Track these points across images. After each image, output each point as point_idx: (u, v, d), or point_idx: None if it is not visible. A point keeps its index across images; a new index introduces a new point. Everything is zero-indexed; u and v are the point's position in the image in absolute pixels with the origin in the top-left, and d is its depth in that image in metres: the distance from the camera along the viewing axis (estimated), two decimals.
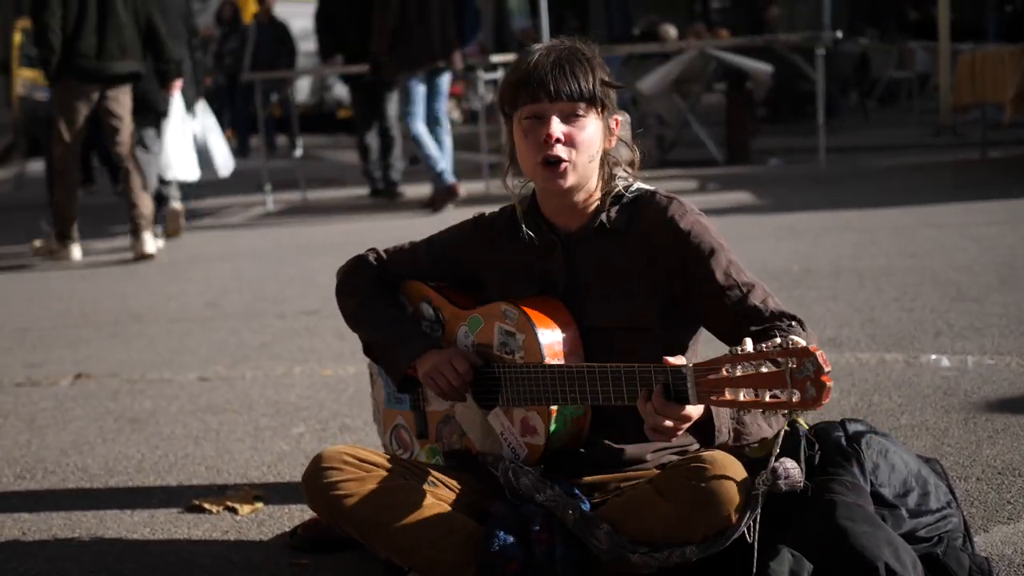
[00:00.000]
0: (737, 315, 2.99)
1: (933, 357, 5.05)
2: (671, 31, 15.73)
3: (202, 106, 10.89)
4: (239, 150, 19.14)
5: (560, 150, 2.97)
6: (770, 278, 6.84)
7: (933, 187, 10.57)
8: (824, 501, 2.93)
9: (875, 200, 9.97)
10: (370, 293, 3.37)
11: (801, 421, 3.40)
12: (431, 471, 3.17)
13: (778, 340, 2.48)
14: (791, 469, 2.66)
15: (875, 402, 4.52)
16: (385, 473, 3.06)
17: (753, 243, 8.18)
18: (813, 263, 7.38)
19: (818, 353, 2.43)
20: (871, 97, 19.99)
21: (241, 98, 18.81)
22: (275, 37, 18.18)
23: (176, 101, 9.96)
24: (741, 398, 2.52)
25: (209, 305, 7.53)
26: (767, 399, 2.47)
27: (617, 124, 3.10)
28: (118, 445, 4.65)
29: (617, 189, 3.10)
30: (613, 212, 3.09)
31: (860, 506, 2.93)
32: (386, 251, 3.43)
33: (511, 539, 2.90)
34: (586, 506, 2.93)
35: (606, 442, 3.07)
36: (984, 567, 2.91)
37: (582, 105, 2.98)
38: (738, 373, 2.51)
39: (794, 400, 2.45)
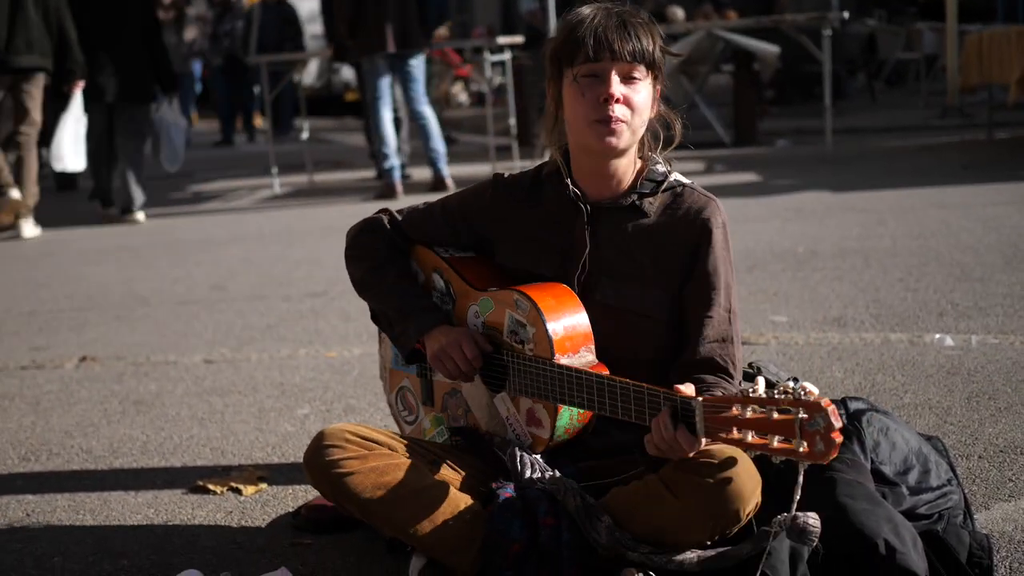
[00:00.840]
0: (713, 335, 2.99)
1: (937, 336, 5.04)
2: (679, 12, 15.66)
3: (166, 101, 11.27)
4: (248, 134, 19.25)
5: (619, 110, 2.94)
6: (776, 259, 6.87)
7: (939, 168, 10.56)
8: (824, 478, 2.93)
9: (881, 181, 9.97)
10: (380, 259, 3.31)
11: None
12: (435, 450, 3.17)
13: (792, 386, 2.43)
14: (812, 526, 2.56)
15: (879, 381, 4.52)
16: (388, 451, 3.04)
17: (760, 224, 8.18)
18: (819, 244, 7.37)
19: (830, 409, 2.37)
20: (878, 78, 19.96)
21: (241, 80, 19.00)
22: (281, 18, 18.08)
23: (77, 98, 10.46)
24: (749, 439, 2.48)
25: (215, 288, 7.54)
26: (775, 444, 2.43)
27: (659, 92, 3.07)
28: (123, 427, 4.67)
29: (659, 176, 3.10)
30: (648, 194, 3.08)
31: (860, 483, 2.94)
32: (399, 212, 3.37)
33: (516, 521, 2.89)
34: (589, 496, 2.91)
35: (615, 431, 3.05)
36: (984, 544, 2.91)
37: (642, 68, 2.96)
38: (748, 415, 2.47)
39: (801, 451, 2.40)
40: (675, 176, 3.12)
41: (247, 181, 13.41)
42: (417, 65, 11.06)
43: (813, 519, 2.56)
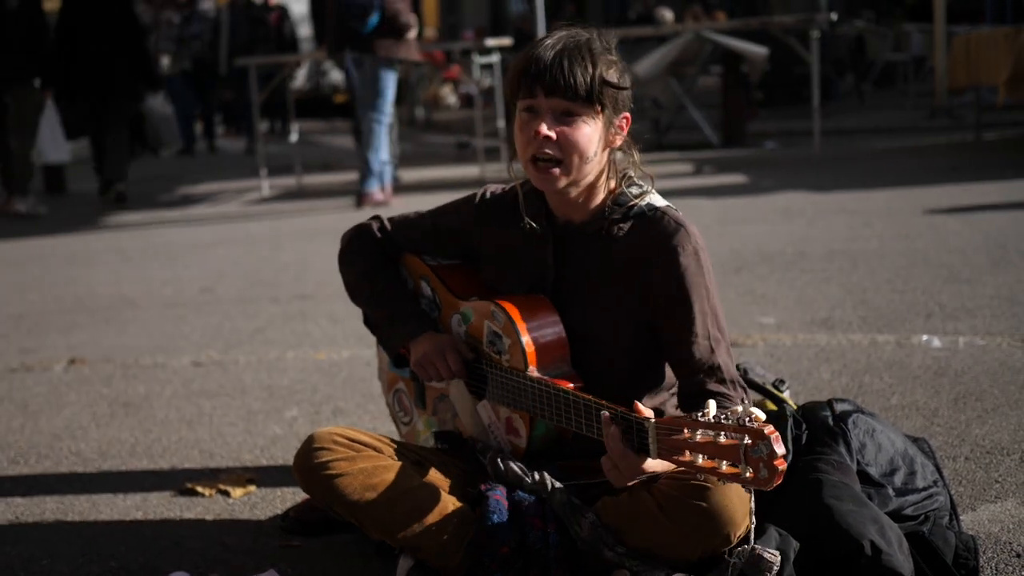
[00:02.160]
0: (699, 367, 2.91)
1: (924, 338, 5.06)
2: (668, 14, 15.70)
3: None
4: (208, 142, 18.62)
5: (550, 149, 2.88)
6: (764, 261, 6.89)
7: (927, 169, 10.59)
8: (810, 480, 2.95)
9: (869, 183, 9.99)
10: (370, 265, 3.34)
11: (789, 401, 3.43)
12: (422, 453, 3.19)
13: (740, 411, 2.40)
14: (767, 559, 2.57)
15: (866, 383, 4.53)
16: (376, 454, 3.06)
17: (748, 226, 8.20)
18: (807, 245, 7.39)
19: (773, 436, 2.34)
20: (866, 80, 20.01)
21: (208, 86, 18.34)
22: (250, 20, 17.80)
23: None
24: (699, 462, 2.45)
25: (203, 290, 7.54)
26: (723, 469, 2.41)
27: (627, 122, 2.98)
28: (111, 429, 4.66)
29: (630, 200, 3.01)
30: (618, 220, 3.01)
31: (846, 484, 2.95)
32: (391, 220, 3.39)
33: (505, 523, 2.90)
34: (574, 495, 2.92)
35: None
36: (970, 545, 2.92)
37: (576, 104, 2.87)
38: (698, 438, 2.45)
39: (747, 476, 2.37)
40: (649, 200, 3.03)
41: (235, 183, 13.41)
42: (374, 71, 10.65)
43: (770, 553, 2.56)
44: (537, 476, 2.96)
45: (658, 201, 3.04)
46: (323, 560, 3.31)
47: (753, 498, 2.54)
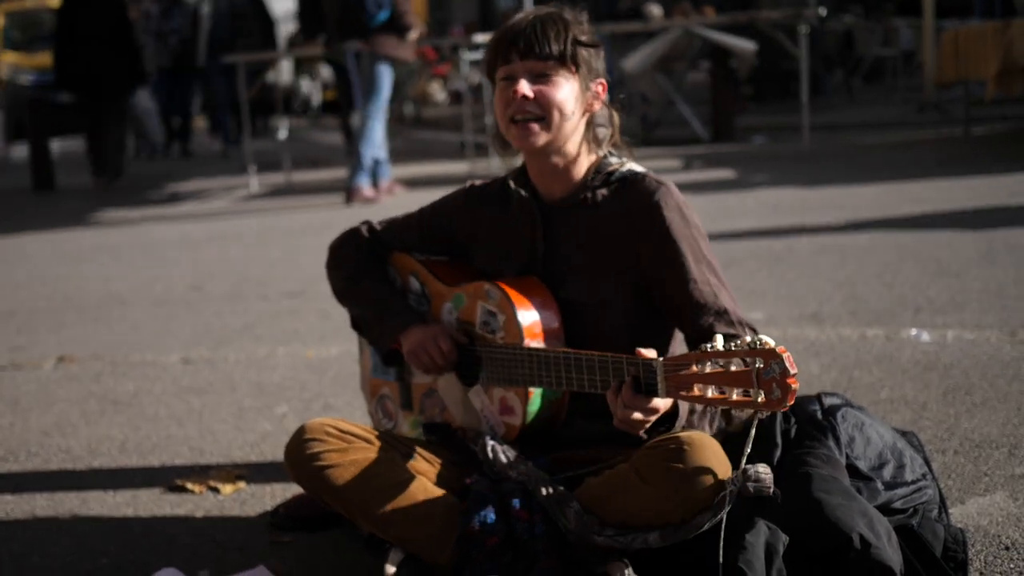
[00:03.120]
0: (706, 311, 2.96)
1: (913, 332, 5.07)
2: (656, 9, 15.68)
3: None
4: (182, 144, 17.56)
5: (528, 108, 2.96)
6: (753, 255, 6.89)
7: (916, 164, 10.60)
8: (799, 474, 2.95)
9: (858, 177, 10.00)
10: (358, 268, 3.39)
11: None
12: (413, 445, 3.19)
13: (748, 339, 2.46)
14: (762, 473, 2.63)
15: (855, 377, 4.54)
16: (367, 445, 3.07)
17: (737, 220, 8.20)
18: (796, 240, 7.40)
19: (785, 355, 2.41)
20: (856, 75, 20.01)
21: (188, 83, 17.32)
22: (232, 13, 16.93)
23: None
24: (709, 395, 2.49)
25: (193, 287, 7.53)
26: (734, 397, 2.45)
27: (603, 88, 3.06)
28: (101, 427, 4.66)
29: (610, 167, 3.09)
30: (600, 187, 3.08)
31: (835, 478, 2.95)
32: (380, 223, 3.45)
33: (492, 515, 2.90)
34: (559, 483, 2.93)
35: (581, 421, 3.09)
36: (959, 538, 2.93)
37: (551, 63, 2.95)
38: (707, 370, 2.49)
39: (760, 400, 2.42)
40: (629, 166, 3.11)
41: (224, 180, 13.40)
42: (373, 67, 10.70)
43: (763, 467, 2.59)
44: (523, 467, 2.97)
45: (637, 168, 3.11)
46: (313, 555, 3.31)
47: (750, 441, 2.59)
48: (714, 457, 2.73)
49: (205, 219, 10.92)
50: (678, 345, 3.17)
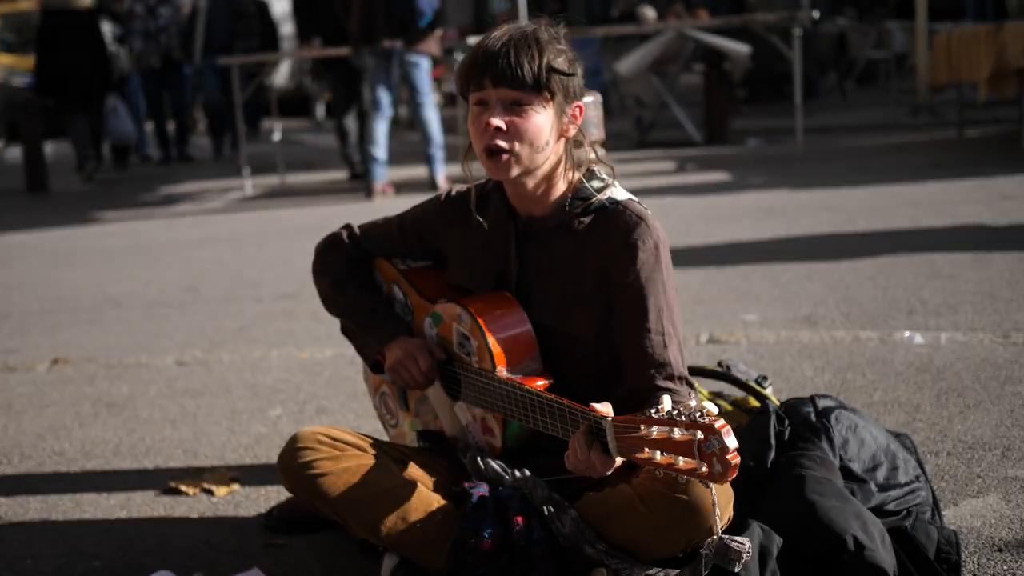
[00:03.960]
0: (649, 361, 2.91)
1: (907, 334, 5.07)
2: (650, 12, 15.68)
3: None
4: (216, 147, 16.93)
5: (501, 139, 2.89)
6: (747, 258, 6.90)
7: (909, 166, 10.60)
8: (793, 476, 2.96)
9: (852, 179, 10.01)
10: (341, 275, 3.38)
11: (772, 397, 3.45)
12: (406, 452, 3.19)
13: (692, 405, 2.40)
14: (734, 548, 2.50)
15: (849, 379, 4.54)
16: (360, 453, 3.07)
17: (731, 223, 8.21)
18: (790, 243, 7.40)
19: (724, 430, 2.34)
20: (849, 77, 20.02)
21: (179, 85, 16.27)
22: (232, 12, 15.98)
23: None
24: (658, 458, 2.44)
25: (187, 289, 7.53)
26: (680, 464, 2.40)
27: (581, 111, 2.99)
28: (95, 429, 4.66)
29: (589, 192, 3.01)
30: (579, 214, 3.01)
31: (829, 480, 2.96)
32: (361, 227, 3.42)
33: (488, 519, 2.90)
34: (555, 492, 2.93)
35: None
36: (952, 540, 2.94)
37: (525, 93, 2.88)
38: (654, 434, 2.44)
39: (702, 471, 2.37)
40: (610, 193, 3.03)
41: (219, 182, 13.38)
42: (415, 63, 10.95)
43: (736, 543, 2.51)
44: (518, 473, 2.97)
45: (619, 194, 3.04)
46: (307, 558, 3.31)
47: (715, 492, 2.56)
48: (718, 489, 2.69)
49: (199, 221, 10.90)
50: None
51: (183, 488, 3.90)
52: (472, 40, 12.75)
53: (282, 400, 4.87)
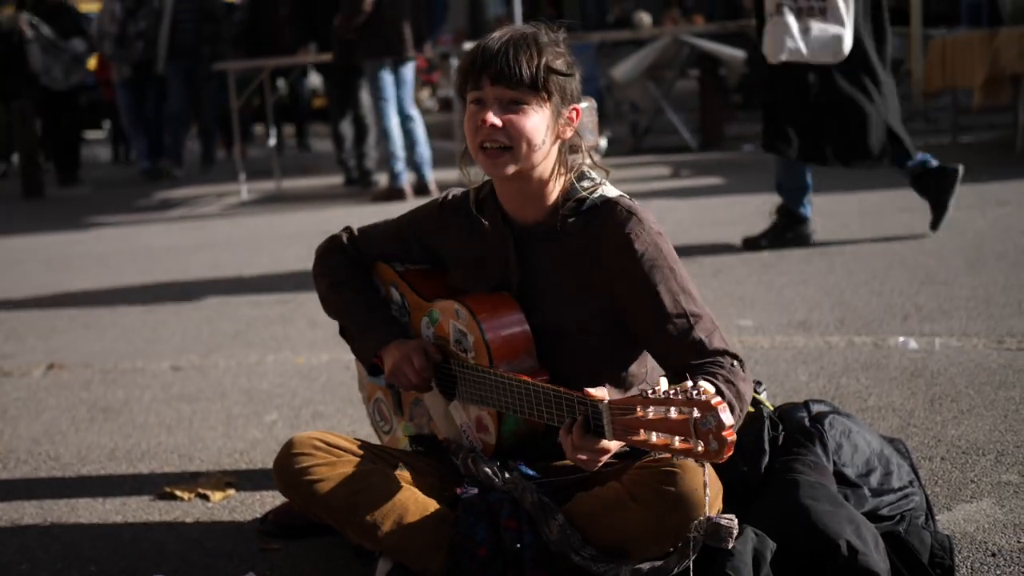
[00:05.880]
0: (679, 346, 2.90)
1: (901, 339, 5.08)
2: (645, 18, 15.72)
3: None
4: (205, 157, 15.60)
5: (497, 137, 2.91)
6: (741, 263, 6.91)
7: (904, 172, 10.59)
8: (787, 480, 2.96)
9: (846, 184, 10.00)
10: (340, 277, 3.38)
11: (766, 402, 3.45)
12: (401, 457, 3.20)
13: (689, 385, 2.41)
14: (724, 528, 2.54)
15: (843, 384, 4.55)
16: (355, 458, 3.07)
17: (726, 228, 8.21)
18: (785, 248, 7.41)
19: (720, 407, 2.36)
20: None
21: (157, 93, 14.92)
22: (199, 13, 14.60)
23: None
24: (653, 439, 2.46)
25: (183, 294, 7.53)
26: (676, 444, 2.41)
27: (577, 114, 3.01)
28: (90, 434, 4.66)
29: (581, 193, 3.02)
30: (571, 215, 3.02)
31: (823, 485, 2.97)
32: (360, 230, 3.42)
33: (481, 525, 2.91)
34: (545, 495, 2.94)
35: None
36: (945, 544, 2.95)
37: (522, 92, 2.91)
38: (650, 415, 2.46)
39: (699, 450, 2.39)
40: (601, 191, 3.04)
41: (215, 187, 13.38)
42: (410, 70, 11.08)
43: (727, 519, 2.55)
44: (508, 475, 2.97)
45: (610, 192, 3.05)
46: (302, 563, 3.32)
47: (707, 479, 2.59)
48: (706, 481, 2.71)
49: (195, 226, 10.91)
50: (650, 370, 3.16)
51: (179, 493, 3.90)
52: (468, 45, 12.81)
53: (278, 405, 4.88)
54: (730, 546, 2.57)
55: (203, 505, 3.83)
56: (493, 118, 2.90)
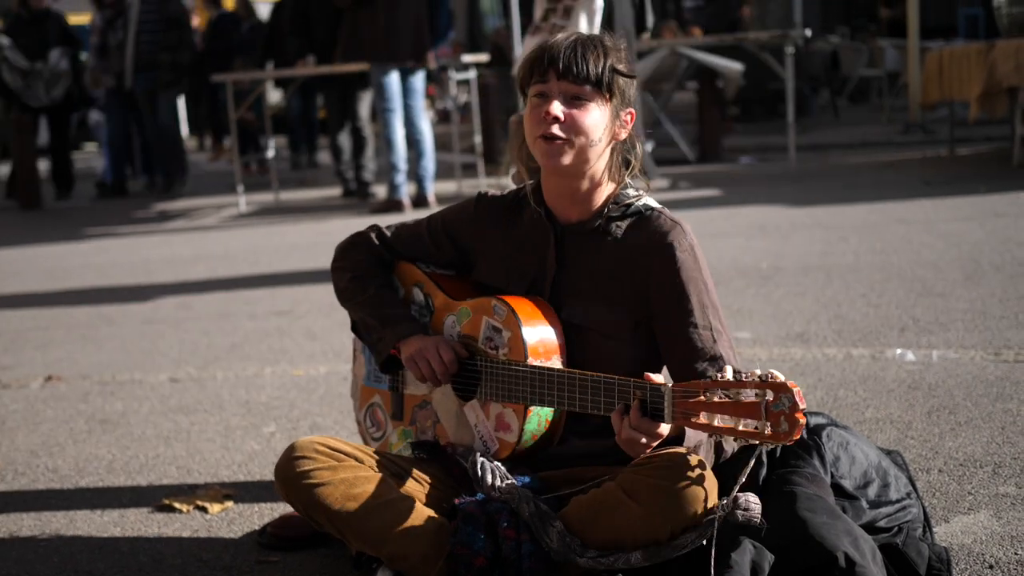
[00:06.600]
0: (701, 356, 2.99)
1: (898, 352, 5.09)
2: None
3: None
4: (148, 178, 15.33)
5: (557, 129, 2.98)
6: (740, 275, 6.92)
7: (901, 184, 10.64)
8: (785, 492, 2.97)
9: (844, 197, 10.04)
10: (363, 270, 3.40)
11: None
12: (403, 463, 3.20)
13: (759, 372, 2.51)
14: (752, 503, 2.67)
15: (841, 396, 4.56)
16: (357, 463, 3.08)
17: (724, 240, 8.23)
18: (782, 260, 7.43)
19: (796, 390, 2.46)
20: (841, 95, 20.09)
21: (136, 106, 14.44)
22: (162, 19, 13.96)
23: None
24: (716, 423, 2.54)
25: (181, 306, 7.53)
26: (740, 428, 2.50)
27: (632, 117, 3.10)
28: (89, 446, 4.66)
29: (628, 199, 3.12)
30: (617, 218, 3.10)
31: (820, 497, 2.97)
32: (388, 227, 3.46)
33: (480, 534, 2.92)
34: (543, 503, 2.95)
35: (575, 439, 3.11)
36: (943, 556, 2.95)
37: (587, 88, 2.98)
38: (715, 399, 2.54)
39: (766, 432, 2.48)
40: (645, 201, 3.14)
41: (212, 199, 13.39)
42: (419, 80, 11.09)
43: (754, 497, 2.64)
44: (507, 485, 2.98)
45: (652, 203, 3.15)
46: (300, 575, 3.31)
47: (747, 471, 2.64)
48: (701, 474, 2.77)
49: (193, 238, 10.92)
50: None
51: (177, 505, 3.90)
52: (467, 58, 12.84)
53: (276, 417, 4.88)
54: (759, 522, 2.66)
55: (201, 517, 3.83)
56: (556, 109, 2.98)
